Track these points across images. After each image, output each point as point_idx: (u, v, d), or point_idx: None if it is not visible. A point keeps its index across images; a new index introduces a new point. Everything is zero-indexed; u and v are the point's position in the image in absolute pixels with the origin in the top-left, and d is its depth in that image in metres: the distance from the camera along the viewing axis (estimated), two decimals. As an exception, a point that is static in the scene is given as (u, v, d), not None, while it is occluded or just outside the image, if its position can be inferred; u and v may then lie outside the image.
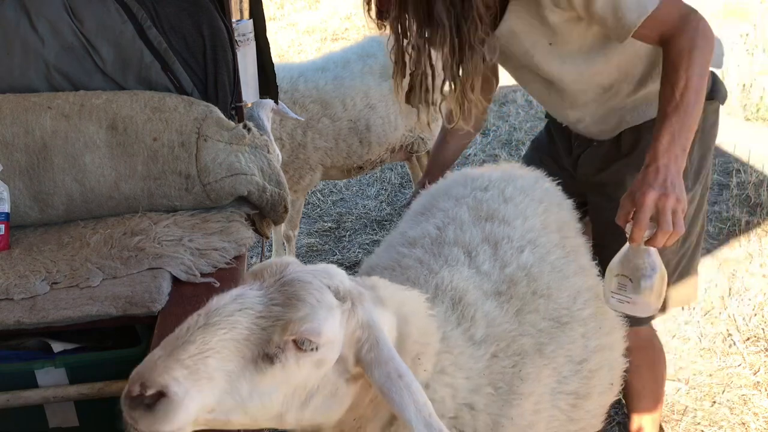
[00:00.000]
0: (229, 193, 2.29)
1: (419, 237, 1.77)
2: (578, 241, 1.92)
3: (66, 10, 2.35)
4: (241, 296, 1.16)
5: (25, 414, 1.85)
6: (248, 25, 2.61)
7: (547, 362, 1.51)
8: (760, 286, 3.54)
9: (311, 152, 3.62)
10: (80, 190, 2.25)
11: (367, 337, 1.18)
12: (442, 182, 2.08)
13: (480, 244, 1.68)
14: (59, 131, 2.25)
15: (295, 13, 8.59)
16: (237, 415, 1.13)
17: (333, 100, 3.62)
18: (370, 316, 1.20)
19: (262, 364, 1.11)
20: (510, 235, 1.71)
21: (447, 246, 1.68)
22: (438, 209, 1.88)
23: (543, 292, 1.61)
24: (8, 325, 1.80)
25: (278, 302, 1.14)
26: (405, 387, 1.13)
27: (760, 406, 2.81)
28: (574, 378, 1.57)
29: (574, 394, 1.56)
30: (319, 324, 1.12)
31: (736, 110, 5.56)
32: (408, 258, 1.69)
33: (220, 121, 2.34)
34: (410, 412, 1.11)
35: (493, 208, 1.80)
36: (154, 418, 1.05)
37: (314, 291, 1.15)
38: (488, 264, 1.62)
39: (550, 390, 1.51)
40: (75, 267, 2.01)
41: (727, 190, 4.44)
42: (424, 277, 1.56)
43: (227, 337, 1.10)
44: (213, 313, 1.13)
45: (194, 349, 1.08)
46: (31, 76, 2.38)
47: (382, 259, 1.80)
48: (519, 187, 1.91)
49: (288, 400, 1.16)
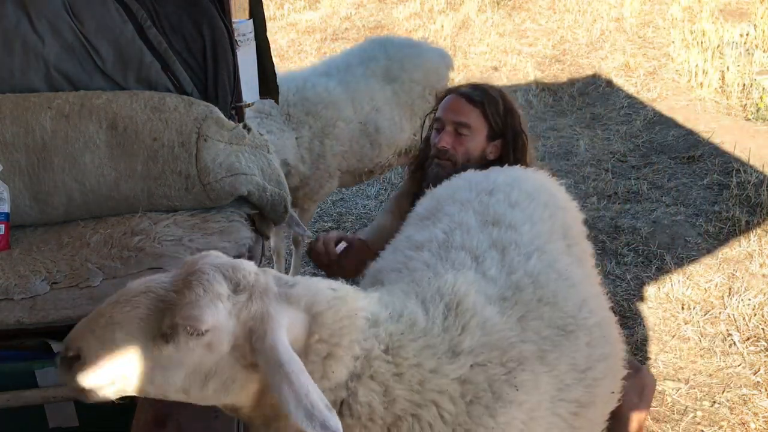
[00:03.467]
0: (229, 193, 2.29)
1: (426, 241, 1.76)
2: (583, 246, 1.92)
3: (66, 10, 2.34)
4: (150, 281, 1.31)
5: (25, 414, 1.85)
6: (248, 25, 2.61)
7: (547, 369, 1.50)
8: (760, 286, 3.54)
9: (330, 160, 3.59)
10: (80, 190, 2.25)
11: (257, 328, 1.26)
12: (447, 186, 2.06)
13: (487, 250, 1.67)
14: (59, 131, 2.25)
15: (295, 13, 8.59)
16: (147, 385, 1.28)
17: (344, 103, 3.59)
18: (266, 310, 1.28)
19: (160, 341, 1.25)
20: (517, 241, 1.71)
21: (454, 250, 1.68)
22: (444, 213, 1.87)
23: (549, 300, 1.60)
24: (8, 325, 1.80)
25: (176, 289, 1.28)
26: (284, 376, 1.19)
27: (760, 406, 2.81)
28: (577, 386, 1.55)
29: (576, 402, 1.55)
30: (200, 311, 1.23)
31: (736, 110, 5.56)
32: (415, 261, 1.69)
33: (220, 121, 2.33)
34: (288, 400, 1.17)
35: (500, 213, 1.80)
36: (72, 375, 1.25)
37: (205, 281, 1.27)
38: (495, 269, 1.62)
39: (550, 398, 1.49)
40: (75, 267, 2.01)
41: (727, 190, 4.44)
42: (428, 279, 1.57)
43: (131, 315, 1.27)
44: (123, 293, 1.31)
45: (104, 321, 1.27)
46: (31, 76, 2.37)
47: (389, 261, 1.80)
48: (525, 191, 1.90)
49: (188, 378, 1.28)
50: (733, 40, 6.50)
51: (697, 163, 4.86)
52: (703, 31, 6.66)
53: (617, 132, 5.35)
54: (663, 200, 4.42)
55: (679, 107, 5.71)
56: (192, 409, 1.52)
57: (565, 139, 5.35)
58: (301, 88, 3.53)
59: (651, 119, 5.53)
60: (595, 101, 5.99)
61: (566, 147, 5.23)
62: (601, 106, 5.89)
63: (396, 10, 8.28)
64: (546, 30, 7.52)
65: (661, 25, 7.19)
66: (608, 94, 6.10)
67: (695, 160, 4.89)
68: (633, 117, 5.58)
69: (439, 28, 7.64)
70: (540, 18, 7.77)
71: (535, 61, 6.85)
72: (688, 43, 6.64)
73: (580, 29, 7.38)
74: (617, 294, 3.55)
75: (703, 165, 4.82)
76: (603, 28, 7.32)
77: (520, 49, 7.16)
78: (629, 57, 6.66)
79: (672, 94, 5.96)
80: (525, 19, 7.80)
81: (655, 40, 6.98)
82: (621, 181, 4.68)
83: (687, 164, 4.86)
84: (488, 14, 7.89)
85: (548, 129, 5.53)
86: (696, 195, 4.45)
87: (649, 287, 3.62)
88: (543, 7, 7.99)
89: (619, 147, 5.13)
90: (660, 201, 4.42)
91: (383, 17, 8.21)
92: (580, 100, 6.00)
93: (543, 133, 5.46)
